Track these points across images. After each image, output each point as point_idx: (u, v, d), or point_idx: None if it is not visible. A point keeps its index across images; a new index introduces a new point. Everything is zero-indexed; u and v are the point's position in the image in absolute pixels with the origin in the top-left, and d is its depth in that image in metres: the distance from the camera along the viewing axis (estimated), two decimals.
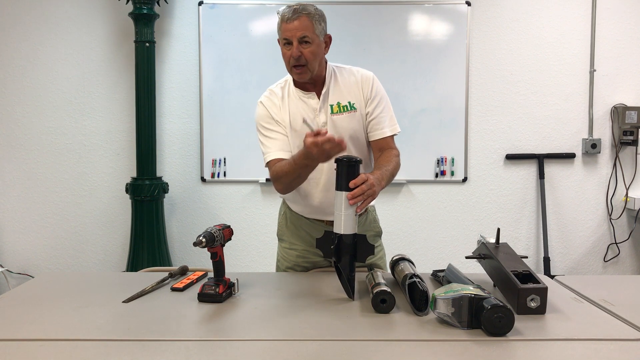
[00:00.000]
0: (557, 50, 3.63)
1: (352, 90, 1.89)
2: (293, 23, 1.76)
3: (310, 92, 1.89)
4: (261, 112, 1.91)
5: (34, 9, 3.56)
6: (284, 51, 1.82)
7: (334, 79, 1.91)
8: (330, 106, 1.88)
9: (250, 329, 1.37)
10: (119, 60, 3.60)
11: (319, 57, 1.84)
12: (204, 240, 1.50)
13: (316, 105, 1.88)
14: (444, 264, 1.77)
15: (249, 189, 3.66)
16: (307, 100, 1.89)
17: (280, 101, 1.90)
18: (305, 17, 1.77)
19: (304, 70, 1.81)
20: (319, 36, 1.81)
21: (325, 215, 1.98)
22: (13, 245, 3.69)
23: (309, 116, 1.86)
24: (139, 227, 3.45)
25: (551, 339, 1.30)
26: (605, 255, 3.77)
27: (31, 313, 1.47)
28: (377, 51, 3.55)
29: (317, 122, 1.86)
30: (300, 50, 1.77)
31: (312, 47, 1.79)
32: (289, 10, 1.78)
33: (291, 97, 1.90)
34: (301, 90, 1.90)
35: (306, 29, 1.77)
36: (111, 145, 3.65)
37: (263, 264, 3.63)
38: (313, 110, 1.88)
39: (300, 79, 1.84)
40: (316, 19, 1.79)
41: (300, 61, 1.78)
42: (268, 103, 1.91)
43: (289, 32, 1.77)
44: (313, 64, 1.81)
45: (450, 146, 3.63)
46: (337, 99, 1.88)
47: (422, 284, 1.49)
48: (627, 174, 3.71)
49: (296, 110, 1.88)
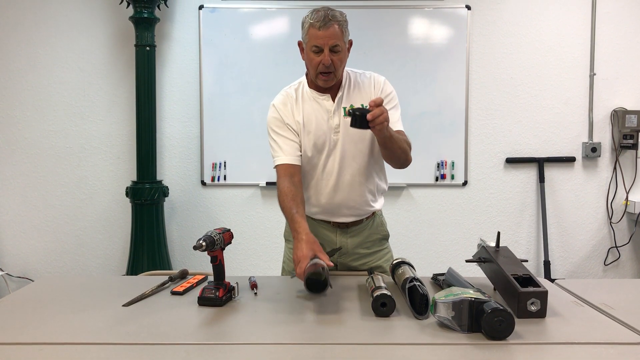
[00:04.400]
0: (557, 53, 3.64)
1: (365, 94, 1.92)
2: (325, 31, 1.77)
3: (325, 94, 1.91)
4: (273, 115, 1.93)
5: (35, 12, 3.57)
6: (311, 57, 1.82)
7: (349, 82, 1.93)
8: (344, 109, 1.90)
9: (250, 333, 1.37)
10: (120, 64, 3.61)
11: (344, 63, 1.88)
12: (204, 243, 1.50)
13: (330, 108, 1.90)
14: (444, 267, 1.77)
15: (249, 193, 3.66)
16: (321, 101, 1.91)
17: (294, 103, 1.92)
18: (336, 25, 1.79)
19: (330, 77, 1.84)
20: (346, 43, 1.85)
21: (333, 217, 1.99)
22: (13, 248, 3.69)
23: (322, 117, 1.89)
24: (139, 230, 3.45)
25: (551, 342, 1.30)
26: (606, 259, 3.77)
27: (31, 317, 1.47)
28: (377, 55, 3.56)
29: (331, 124, 1.89)
30: (330, 58, 1.79)
31: (341, 55, 1.82)
32: (319, 16, 1.79)
33: (305, 98, 1.92)
34: (316, 91, 1.92)
35: (337, 37, 1.79)
36: (111, 149, 3.65)
37: (263, 268, 3.63)
38: (327, 112, 1.90)
39: (326, 85, 1.87)
40: (345, 26, 1.83)
41: (330, 68, 1.81)
42: (280, 106, 1.92)
43: (320, 39, 1.78)
44: (339, 71, 1.85)
45: (450, 150, 3.64)
46: (351, 101, 1.91)
47: (422, 287, 1.49)
48: (627, 178, 3.71)
49: (311, 111, 1.91)
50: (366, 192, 1.97)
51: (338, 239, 2.01)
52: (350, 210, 1.98)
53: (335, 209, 1.97)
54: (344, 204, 1.96)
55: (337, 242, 2.01)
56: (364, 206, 1.99)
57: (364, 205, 1.98)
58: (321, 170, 1.93)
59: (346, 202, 1.95)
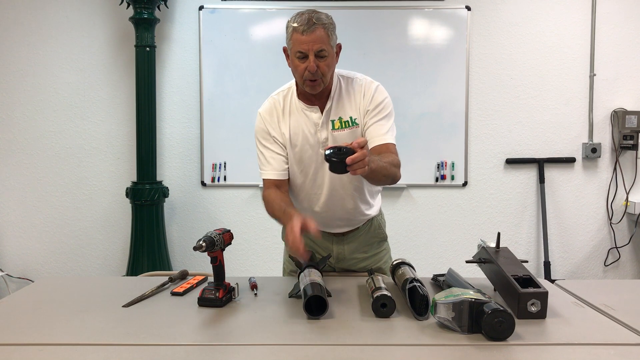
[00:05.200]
0: (557, 54, 3.64)
1: (354, 104, 1.82)
2: (309, 35, 1.66)
3: (314, 106, 1.82)
4: (259, 126, 1.87)
5: (35, 13, 3.57)
6: (296, 64, 1.71)
7: (339, 91, 1.83)
8: (332, 122, 1.82)
9: (250, 334, 1.37)
10: (120, 65, 3.61)
11: (333, 69, 1.77)
12: (204, 244, 1.50)
13: (318, 120, 1.81)
14: (444, 268, 1.77)
15: (249, 193, 3.66)
16: (309, 114, 1.82)
17: (281, 113, 1.84)
18: (321, 28, 1.67)
19: (318, 83, 1.72)
20: (333, 47, 1.73)
21: (327, 228, 1.95)
22: (13, 249, 3.69)
23: (310, 131, 1.81)
24: (139, 231, 3.45)
25: (552, 343, 1.30)
26: (606, 260, 3.77)
27: (31, 317, 1.47)
28: (377, 56, 3.56)
29: (319, 137, 1.82)
30: (316, 64, 1.68)
31: (328, 60, 1.71)
32: (302, 19, 1.68)
33: (293, 110, 1.84)
34: (304, 102, 1.83)
35: (323, 41, 1.67)
36: (111, 149, 3.65)
37: (263, 268, 3.63)
38: (315, 125, 1.82)
39: (314, 92, 1.76)
40: (331, 29, 1.71)
41: (316, 75, 1.70)
42: (266, 116, 1.85)
43: (304, 44, 1.67)
44: (327, 77, 1.74)
45: (450, 150, 3.64)
46: (339, 114, 1.81)
47: (423, 288, 1.49)
48: (628, 179, 3.71)
49: (297, 125, 1.82)
50: (359, 203, 1.91)
51: (334, 246, 1.99)
52: (344, 221, 1.95)
53: (329, 221, 1.93)
54: (337, 216, 1.92)
55: (333, 249, 1.98)
56: (359, 216, 1.95)
57: (358, 215, 1.95)
58: (311, 185, 1.87)
59: (339, 214, 1.91)
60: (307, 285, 1.49)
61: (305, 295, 1.45)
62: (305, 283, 1.52)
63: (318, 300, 1.46)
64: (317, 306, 1.46)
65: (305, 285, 1.51)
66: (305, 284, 1.51)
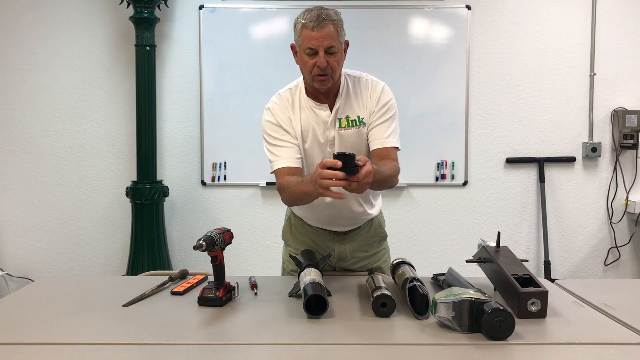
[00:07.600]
0: (557, 53, 3.64)
1: (362, 103, 1.83)
2: (319, 31, 1.67)
3: (323, 104, 1.82)
4: (268, 119, 1.83)
5: (35, 12, 3.57)
6: (305, 60, 1.72)
7: (347, 90, 1.83)
8: (339, 120, 1.82)
9: (250, 333, 1.37)
10: (120, 64, 3.61)
11: (342, 65, 1.78)
12: (204, 243, 1.50)
13: (327, 119, 1.81)
14: (445, 267, 1.77)
15: (249, 193, 3.66)
16: (318, 112, 1.82)
17: (291, 108, 1.83)
18: (330, 24, 1.68)
19: (327, 79, 1.73)
20: (342, 44, 1.75)
21: (330, 226, 1.98)
22: (13, 248, 3.69)
23: (319, 129, 1.80)
24: (139, 230, 3.45)
25: (552, 343, 1.30)
26: (606, 259, 3.76)
27: (31, 317, 1.47)
28: (377, 55, 3.56)
29: (327, 135, 1.82)
30: (326, 60, 1.69)
31: (337, 56, 1.72)
32: (312, 16, 1.68)
33: (302, 106, 1.83)
34: (313, 100, 1.82)
35: (333, 38, 1.68)
36: (111, 149, 3.65)
37: (263, 268, 3.63)
38: (324, 123, 1.82)
39: (323, 87, 1.76)
40: (340, 25, 1.72)
41: (326, 71, 1.71)
42: (276, 110, 1.83)
43: (315, 40, 1.68)
44: (337, 72, 1.75)
45: (450, 150, 3.64)
46: (347, 112, 1.82)
47: (423, 287, 1.49)
48: (628, 178, 3.71)
49: (307, 122, 1.82)
50: (363, 203, 1.94)
51: (335, 246, 2.00)
52: (347, 220, 1.96)
53: (332, 220, 1.95)
54: (341, 215, 1.93)
55: (334, 249, 1.99)
56: (361, 216, 1.97)
57: (361, 215, 1.96)
58: None
59: (344, 213, 1.92)
60: (307, 285, 1.50)
61: (305, 295, 1.46)
62: (305, 282, 1.52)
63: (318, 299, 1.46)
64: (317, 305, 1.46)
65: (305, 284, 1.51)
66: (305, 283, 1.51)
